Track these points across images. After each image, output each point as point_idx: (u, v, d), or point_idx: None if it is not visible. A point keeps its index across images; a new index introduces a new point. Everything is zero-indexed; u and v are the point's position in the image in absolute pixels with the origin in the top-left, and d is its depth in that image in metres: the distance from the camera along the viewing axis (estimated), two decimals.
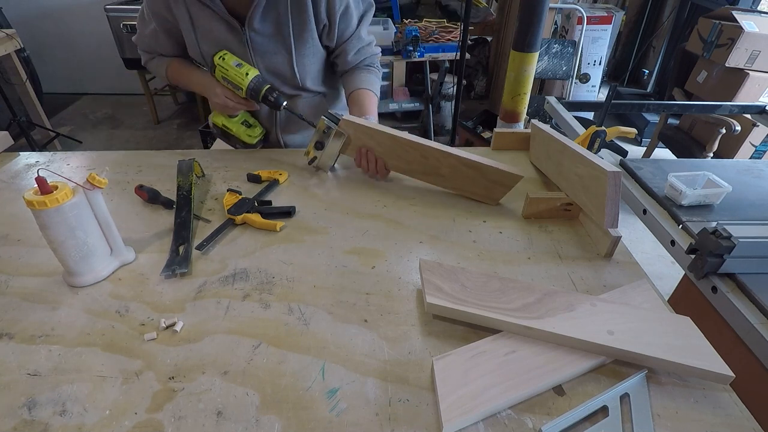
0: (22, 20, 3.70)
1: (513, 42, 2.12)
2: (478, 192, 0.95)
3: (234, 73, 1.00)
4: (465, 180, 0.94)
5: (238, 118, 1.14)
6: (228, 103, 1.05)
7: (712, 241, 0.86)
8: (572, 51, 3.12)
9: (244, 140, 1.15)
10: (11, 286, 0.72)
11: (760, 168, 1.29)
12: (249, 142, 1.15)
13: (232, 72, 1.00)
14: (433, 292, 0.65)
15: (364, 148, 0.97)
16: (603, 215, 0.77)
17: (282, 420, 0.53)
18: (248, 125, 1.16)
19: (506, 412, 0.54)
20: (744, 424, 0.53)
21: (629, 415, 0.53)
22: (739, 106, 1.93)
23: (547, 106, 1.90)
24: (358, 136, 0.97)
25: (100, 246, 0.72)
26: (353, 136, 0.97)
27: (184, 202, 0.89)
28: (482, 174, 0.91)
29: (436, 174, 0.96)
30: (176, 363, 0.60)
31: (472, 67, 4.20)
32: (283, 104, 1.03)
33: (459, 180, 0.94)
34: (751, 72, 2.35)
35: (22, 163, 1.09)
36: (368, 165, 0.99)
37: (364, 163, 0.99)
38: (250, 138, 1.15)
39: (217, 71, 1.01)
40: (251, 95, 1.02)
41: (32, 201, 0.62)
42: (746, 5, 3.20)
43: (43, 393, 0.56)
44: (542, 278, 0.75)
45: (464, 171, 0.92)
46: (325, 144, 0.99)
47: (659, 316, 0.63)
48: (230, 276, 0.75)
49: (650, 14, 4.22)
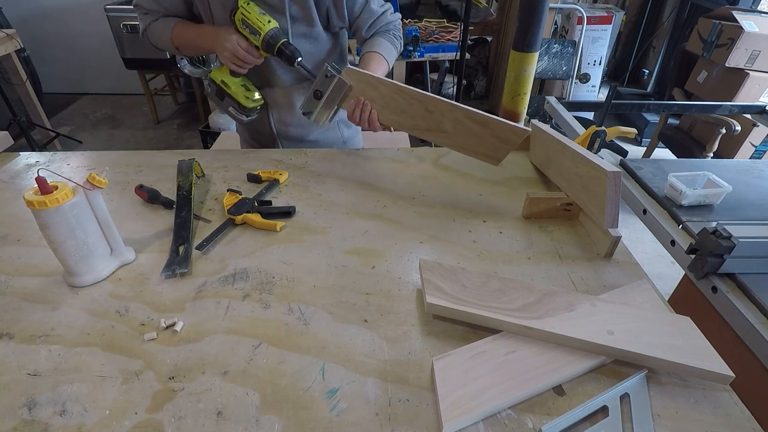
0: (22, 20, 3.71)
1: (513, 42, 2.12)
2: (482, 151, 0.92)
3: (256, 17, 0.96)
4: (469, 137, 0.90)
5: (238, 79, 1.10)
6: (239, 51, 0.99)
7: (712, 241, 0.86)
8: (572, 51, 3.12)
9: (241, 101, 1.09)
10: (11, 286, 0.72)
11: (760, 168, 1.29)
12: (245, 104, 1.10)
13: (254, 16, 0.96)
14: (433, 292, 0.65)
15: (363, 98, 0.94)
16: (603, 215, 0.77)
17: (282, 420, 0.53)
18: (247, 89, 1.11)
19: (506, 412, 0.54)
20: (744, 424, 0.53)
21: (629, 415, 0.53)
22: (739, 106, 1.93)
23: (547, 106, 1.90)
24: (360, 87, 0.93)
25: (100, 246, 0.72)
26: (355, 86, 0.94)
27: (184, 202, 0.89)
28: (489, 130, 0.88)
29: (439, 130, 0.92)
30: (176, 363, 0.60)
31: (472, 67, 4.21)
32: (299, 59, 0.99)
33: (463, 136, 0.91)
34: (751, 72, 2.35)
35: (22, 163, 1.09)
36: (361, 115, 0.95)
37: (357, 113, 0.95)
38: (246, 100, 1.10)
39: (237, 13, 0.97)
40: (267, 45, 0.98)
41: (32, 201, 0.62)
42: (746, 5, 3.21)
43: (43, 393, 0.56)
44: (542, 278, 0.75)
45: (469, 126, 0.89)
46: (323, 93, 0.94)
47: (659, 316, 0.63)
48: (230, 276, 0.75)
49: (650, 14, 4.22)
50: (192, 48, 1.10)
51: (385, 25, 1.13)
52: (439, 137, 0.94)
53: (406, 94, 0.90)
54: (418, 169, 1.08)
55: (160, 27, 1.09)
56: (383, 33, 1.13)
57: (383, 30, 1.13)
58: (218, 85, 1.10)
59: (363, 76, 0.93)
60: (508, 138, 0.88)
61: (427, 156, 1.14)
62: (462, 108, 0.87)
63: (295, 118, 1.20)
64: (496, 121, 0.86)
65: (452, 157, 1.13)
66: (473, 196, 0.98)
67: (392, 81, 0.91)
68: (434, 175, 1.06)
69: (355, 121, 0.97)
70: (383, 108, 0.95)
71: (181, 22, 1.08)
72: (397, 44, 1.15)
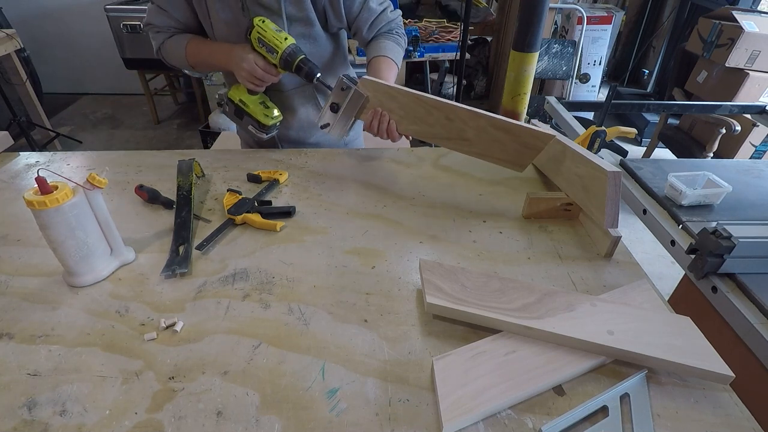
0: (22, 20, 3.71)
1: (513, 42, 2.12)
2: (506, 158, 0.91)
3: (272, 35, 0.95)
4: (493, 144, 0.89)
5: (257, 97, 1.09)
6: (257, 71, 0.98)
7: (712, 241, 0.86)
8: (572, 51, 3.12)
9: (260, 119, 1.08)
10: (11, 286, 0.72)
11: (760, 168, 1.29)
12: (265, 123, 1.09)
13: (270, 34, 0.95)
14: (433, 292, 0.65)
15: (381, 109, 0.93)
16: (603, 215, 0.77)
17: (282, 420, 0.53)
18: (266, 106, 1.10)
19: (506, 412, 0.54)
20: (744, 424, 0.53)
21: (629, 415, 0.53)
22: (739, 106, 1.93)
23: (547, 106, 1.90)
24: (377, 98, 0.92)
25: (100, 246, 0.72)
26: (372, 97, 0.92)
27: (184, 202, 0.89)
28: (513, 136, 0.87)
29: (461, 138, 0.91)
30: (176, 363, 0.60)
31: (472, 67, 4.21)
32: (317, 75, 0.98)
33: (486, 144, 0.90)
34: (751, 72, 2.35)
35: (22, 163, 1.09)
36: (379, 126, 0.94)
37: (375, 124, 0.94)
38: (266, 118, 1.08)
39: (253, 32, 0.97)
40: (285, 62, 0.97)
41: (32, 201, 0.62)
42: (746, 5, 3.21)
43: (43, 393, 0.56)
44: (542, 278, 0.75)
45: (493, 134, 0.88)
46: (341, 106, 0.93)
47: (659, 316, 0.63)
48: (230, 276, 0.75)
49: (650, 14, 4.22)
50: (207, 67, 1.09)
51: (386, 25, 1.10)
52: (461, 146, 0.93)
53: (425, 102, 0.88)
54: (418, 169, 1.08)
55: (173, 45, 1.07)
56: (386, 34, 1.11)
57: (385, 30, 1.11)
58: (236, 105, 1.09)
59: (379, 87, 0.91)
60: (532, 143, 0.87)
61: (427, 156, 1.14)
62: (484, 115, 0.86)
63: (295, 121, 1.20)
64: (519, 126, 0.85)
65: (452, 157, 1.13)
66: (473, 196, 0.98)
67: (410, 90, 0.89)
68: (434, 175, 1.06)
69: (373, 132, 0.96)
70: (402, 118, 0.93)
71: (194, 39, 1.07)
72: (402, 43, 1.13)
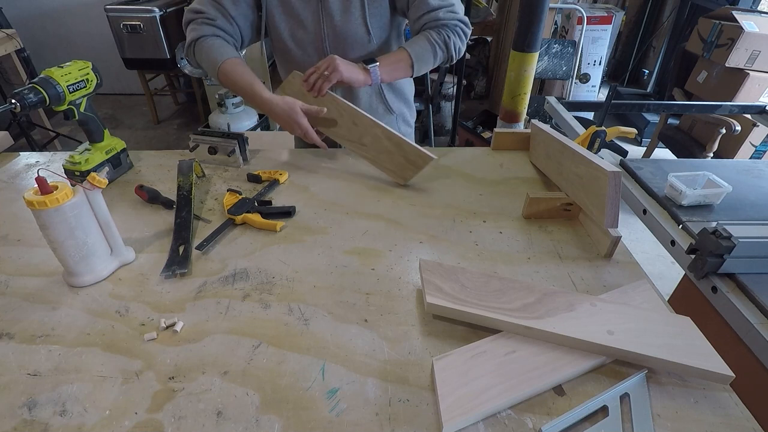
0: (22, 20, 3.71)
1: (513, 42, 2.12)
2: (392, 168, 1.01)
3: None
4: (383, 153, 1.01)
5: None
6: (310, 134, 1.01)
7: (712, 241, 0.86)
8: (572, 51, 3.12)
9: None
10: (11, 286, 0.72)
11: (760, 168, 1.29)
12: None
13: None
14: (433, 292, 0.65)
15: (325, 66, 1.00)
16: (603, 215, 0.77)
17: (282, 420, 0.53)
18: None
19: (506, 412, 0.54)
20: (744, 424, 0.53)
21: (629, 415, 0.53)
22: (739, 106, 1.93)
23: (547, 106, 1.90)
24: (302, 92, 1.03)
25: (100, 246, 0.72)
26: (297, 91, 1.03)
27: (184, 202, 0.89)
28: (400, 150, 0.98)
29: (359, 142, 1.03)
30: (176, 363, 0.60)
31: (472, 67, 4.20)
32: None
33: (377, 152, 1.01)
34: (751, 72, 2.35)
35: (22, 163, 1.09)
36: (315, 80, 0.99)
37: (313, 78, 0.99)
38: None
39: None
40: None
41: (32, 201, 0.62)
42: (746, 5, 3.21)
43: (43, 393, 0.56)
44: (542, 278, 0.75)
45: (384, 144, 0.99)
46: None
47: (659, 316, 0.63)
48: (230, 276, 0.75)
49: (650, 14, 4.22)
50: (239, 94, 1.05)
51: (433, 22, 1.02)
52: (358, 149, 1.05)
53: (339, 105, 1.01)
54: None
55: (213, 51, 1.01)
56: (423, 32, 1.04)
57: (429, 28, 1.03)
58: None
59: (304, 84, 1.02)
60: (414, 161, 0.97)
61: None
62: (381, 126, 0.98)
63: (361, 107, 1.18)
64: (407, 143, 0.96)
65: (452, 158, 1.13)
66: (473, 196, 0.98)
67: (329, 92, 1.01)
68: (434, 175, 1.05)
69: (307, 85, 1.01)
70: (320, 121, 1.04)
71: (230, 62, 1.00)
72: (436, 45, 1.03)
